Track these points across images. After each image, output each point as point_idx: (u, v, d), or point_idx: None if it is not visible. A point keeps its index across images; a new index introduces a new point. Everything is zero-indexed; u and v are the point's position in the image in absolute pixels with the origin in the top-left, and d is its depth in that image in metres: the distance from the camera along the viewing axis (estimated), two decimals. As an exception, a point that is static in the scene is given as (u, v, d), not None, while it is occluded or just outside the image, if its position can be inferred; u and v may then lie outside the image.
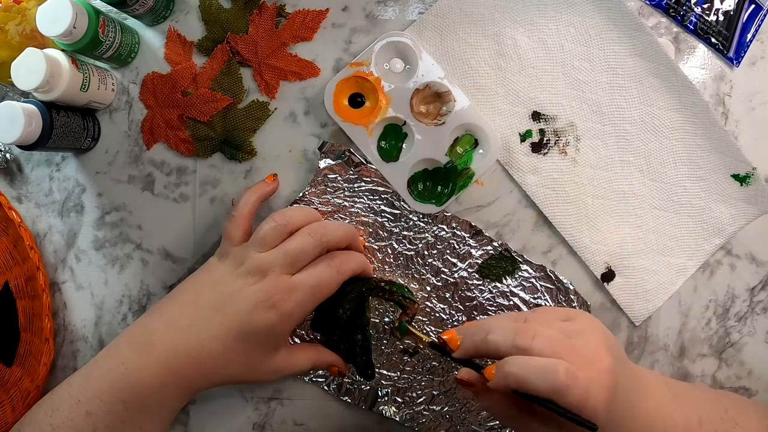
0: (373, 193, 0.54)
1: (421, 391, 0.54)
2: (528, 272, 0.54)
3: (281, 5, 0.55)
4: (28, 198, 0.58)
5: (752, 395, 0.57)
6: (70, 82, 0.49)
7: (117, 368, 0.44)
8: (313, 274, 0.45)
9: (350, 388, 0.55)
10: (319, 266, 0.46)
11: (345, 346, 0.50)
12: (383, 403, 0.54)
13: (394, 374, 0.54)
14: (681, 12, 0.55)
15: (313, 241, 0.46)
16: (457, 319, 0.54)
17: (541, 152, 0.55)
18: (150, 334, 0.45)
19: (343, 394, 0.55)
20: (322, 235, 0.46)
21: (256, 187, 0.51)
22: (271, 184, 0.52)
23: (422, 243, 0.54)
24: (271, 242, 0.46)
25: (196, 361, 0.44)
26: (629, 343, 0.56)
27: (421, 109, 0.54)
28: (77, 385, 0.45)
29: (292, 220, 0.47)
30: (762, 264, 0.56)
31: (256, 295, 0.44)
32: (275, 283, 0.44)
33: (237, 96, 0.55)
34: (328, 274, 0.46)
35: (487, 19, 0.54)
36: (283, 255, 0.45)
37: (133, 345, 0.45)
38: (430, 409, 0.54)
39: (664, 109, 0.54)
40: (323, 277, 0.45)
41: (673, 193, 0.55)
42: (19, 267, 0.57)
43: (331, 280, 0.46)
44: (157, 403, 0.45)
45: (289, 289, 0.44)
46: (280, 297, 0.44)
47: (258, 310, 0.44)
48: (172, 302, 0.47)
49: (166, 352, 0.44)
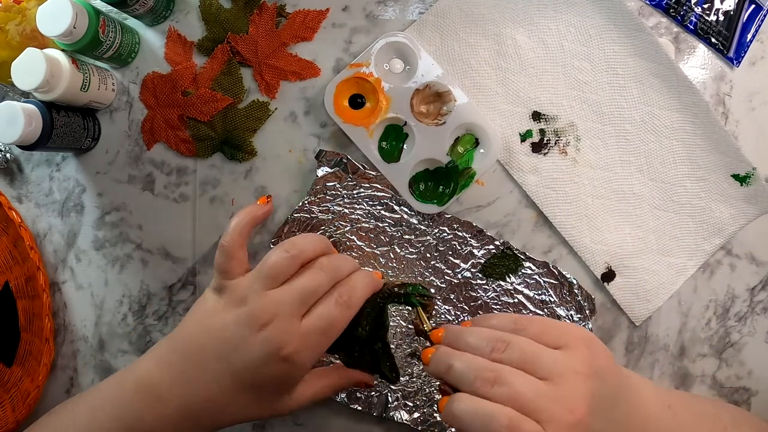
0: (373, 198, 0.54)
1: (431, 393, 0.54)
2: (531, 269, 0.54)
3: (281, 5, 0.55)
4: (28, 198, 0.58)
5: (752, 395, 0.57)
6: (70, 82, 0.49)
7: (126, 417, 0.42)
8: (323, 317, 0.41)
9: (360, 396, 0.54)
10: (327, 305, 0.41)
11: (369, 359, 0.47)
12: (394, 408, 0.54)
13: (403, 378, 0.54)
14: (681, 12, 0.55)
15: (327, 278, 0.42)
16: (463, 319, 0.54)
17: (542, 152, 0.55)
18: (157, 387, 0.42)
19: (353, 403, 0.54)
20: (335, 269, 0.42)
21: (246, 211, 0.45)
22: (263, 207, 0.47)
23: (424, 246, 0.54)
24: (282, 276, 0.41)
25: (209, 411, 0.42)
26: (629, 343, 0.56)
27: (422, 109, 0.54)
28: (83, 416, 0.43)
29: (306, 251, 0.42)
30: (762, 264, 0.56)
31: (264, 346, 0.40)
32: (285, 329, 0.40)
33: (237, 96, 0.55)
34: (338, 313, 0.41)
35: (487, 19, 0.54)
36: (296, 294, 0.40)
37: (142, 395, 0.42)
38: None
39: (664, 109, 0.54)
40: (334, 317, 0.41)
41: (673, 193, 0.55)
42: (19, 267, 0.57)
43: (342, 318, 0.42)
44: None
45: (301, 336, 0.40)
46: (293, 347, 0.40)
47: (269, 362, 0.40)
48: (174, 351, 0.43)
49: (177, 407, 0.41)
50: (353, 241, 0.54)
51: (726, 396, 0.57)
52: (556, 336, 0.38)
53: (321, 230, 0.54)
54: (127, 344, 0.58)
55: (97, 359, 0.58)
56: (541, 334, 0.38)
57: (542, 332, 0.39)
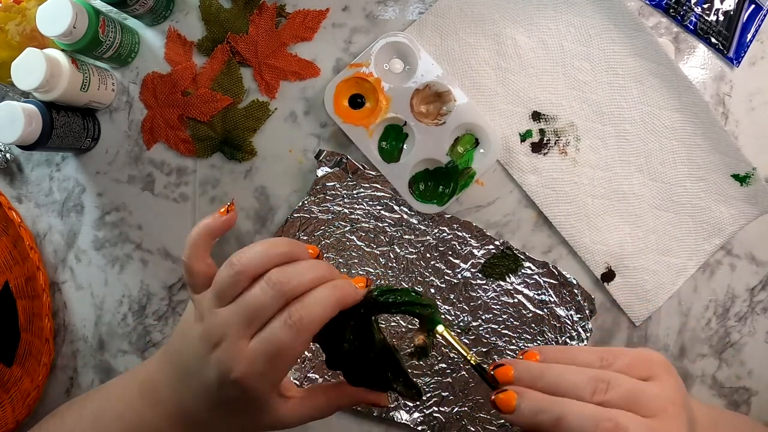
0: (373, 198, 0.54)
1: (431, 394, 0.54)
2: (531, 269, 0.54)
3: (281, 5, 0.55)
4: (28, 198, 0.58)
5: (752, 395, 0.57)
6: (70, 82, 0.49)
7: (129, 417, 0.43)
8: (269, 340, 0.37)
9: None
10: (274, 327, 0.37)
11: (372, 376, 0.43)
12: (394, 408, 0.54)
13: None
14: (681, 12, 0.55)
15: (273, 293, 0.37)
16: (463, 319, 0.54)
17: (541, 152, 0.55)
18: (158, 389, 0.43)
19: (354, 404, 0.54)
20: (284, 284, 0.37)
21: (203, 223, 0.41)
22: (221, 218, 0.41)
23: (424, 246, 0.54)
24: (227, 293, 0.38)
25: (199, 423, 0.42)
26: (629, 343, 0.56)
27: (422, 109, 0.54)
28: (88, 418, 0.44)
29: (251, 264, 0.38)
30: (762, 264, 0.56)
31: (217, 367, 0.38)
32: (232, 353, 0.37)
33: (237, 96, 0.55)
34: (285, 337, 0.36)
35: (487, 19, 0.54)
36: (237, 315, 0.37)
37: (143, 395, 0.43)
38: (441, 411, 0.54)
39: (664, 109, 0.54)
40: (281, 341, 0.36)
41: (673, 193, 0.55)
42: (19, 267, 0.57)
43: (291, 342, 0.37)
44: None
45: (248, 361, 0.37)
46: (239, 372, 0.37)
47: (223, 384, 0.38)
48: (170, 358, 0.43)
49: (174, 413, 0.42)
50: (353, 241, 0.54)
51: (726, 396, 0.57)
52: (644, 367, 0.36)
53: (321, 230, 0.54)
54: (127, 344, 0.58)
55: (97, 359, 0.58)
56: (630, 368, 0.36)
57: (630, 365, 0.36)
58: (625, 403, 0.34)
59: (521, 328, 0.54)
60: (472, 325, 0.54)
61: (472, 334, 0.54)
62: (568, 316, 0.54)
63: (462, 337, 0.55)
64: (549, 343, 0.54)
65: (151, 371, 0.43)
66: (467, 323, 0.54)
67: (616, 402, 0.34)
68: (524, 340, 0.54)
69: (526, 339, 0.54)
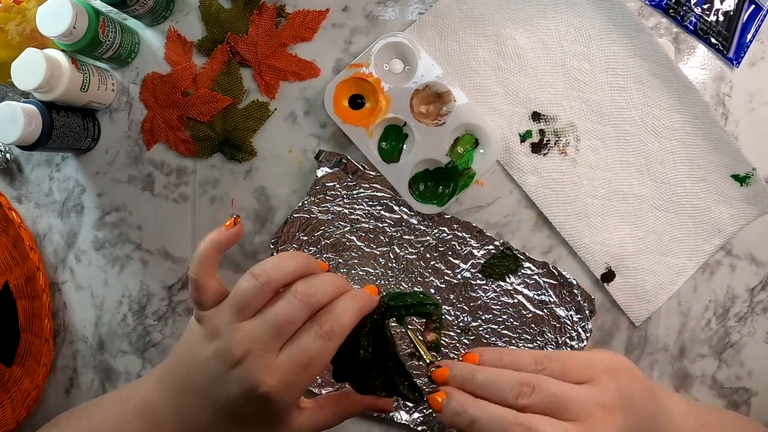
0: (372, 198, 0.54)
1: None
2: (531, 269, 0.54)
3: (281, 5, 0.55)
4: (28, 198, 0.58)
5: (752, 395, 0.57)
6: (70, 83, 0.49)
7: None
8: (301, 351, 0.37)
9: None
10: (306, 338, 0.37)
11: (382, 381, 0.43)
12: (394, 408, 0.54)
13: None
14: (681, 12, 0.55)
15: (301, 306, 0.37)
16: (463, 319, 0.54)
17: (541, 152, 0.55)
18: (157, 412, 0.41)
19: None
20: (311, 296, 0.38)
21: (211, 237, 0.40)
22: (229, 231, 0.41)
23: (424, 246, 0.54)
24: (251, 306, 0.38)
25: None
26: (629, 343, 0.56)
27: (422, 110, 0.54)
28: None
29: (275, 277, 0.38)
30: (762, 264, 0.56)
31: (240, 384, 0.37)
32: (260, 366, 0.37)
33: (237, 96, 0.55)
34: (318, 346, 0.37)
35: (487, 19, 0.54)
36: (266, 328, 0.37)
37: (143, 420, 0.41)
38: None
39: (664, 109, 0.54)
40: (314, 351, 0.37)
41: (673, 193, 0.55)
42: (19, 267, 0.57)
43: (323, 352, 0.37)
44: None
45: (278, 374, 0.37)
46: (269, 386, 0.37)
47: (248, 400, 0.37)
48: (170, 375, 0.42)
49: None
50: (353, 241, 0.54)
51: (726, 396, 0.57)
52: (580, 371, 0.36)
53: (320, 230, 0.54)
54: (127, 344, 0.58)
55: (97, 359, 0.58)
56: (565, 372, 0.36)
57: (565, 369, 0.36)
58: (547, 407, 0.34)
59: (521, 329, 0.54)
60: (472, 326, 0.54)
61: (471, 334, 0.54)
62: (568, 317, 0.54)
63: (462, 337, 0.55)
64: (549, 343, 0.54)
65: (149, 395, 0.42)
66: (467, 323, 0.54)
67: (538, 406, 0.34)
68: (524, 340, 0.54)
69: (525, 339, 0.54)
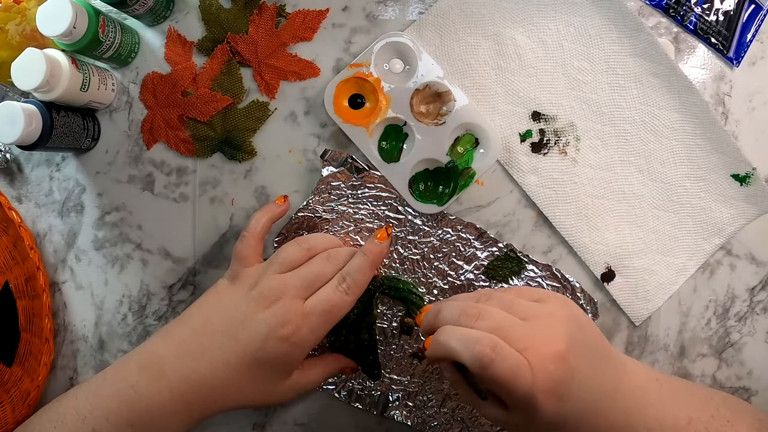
0: (377, 198, 0.54)
1: (432, 395, 0.54)
2: (534, 272, 0.54)
3: (281, 5, 0.55)
4: (28, 198, 0.58)
5: (752, 395, 0.57)
6: (70, 82, 0.49)
7: (126, 390, 0.44)
8: (325, 299, 0.45)
9: (361, 394, 0.54)
10: (329, 289, 0.45)
11: (353, 347, 0.51)
12: (394, 407, 0.54)
13: (405, 378, 0.54)
14: (681, 12, 0.55)
15: (332, 267, 0.46)
16: None
17: (541, 152, 0.55)
18: (161, 361, 0.45)
19: (354, 401, 0.54)
20: (342, 261, 0.47)
21: (266, 208, 0.50)
22: (281, 206, 0.51)
23: (428, 247, 0.54)
24: (292, 264, 0.46)
25: (208, 388, 0.44)
26: (629, 343, 0.56)
27: (422, 109, 0.54)
28: (84, 399, 0.45)
29: (317, 245, 0.48)
30: (762, 264, 0.56)
31: (269, 322, 0.44)
32: (289, 307, 0.44)
33: (237, 96, 0.55)
34: (339, 298, 0.45)
35: (487, 19, 0.54)
36: (300, 278, 0.45)
37: (143, 370, 0.44)
38: (441, 412, 0.54)
39: (664, 109, 0.54)
40: (335, 302, 0.45)
41: (673, 193, 0.55)
42: (19, 267, 0.57)
43: (343, 304, 0.45)
44: (165, 427, 0.44)
45: (303, 316, 0.44)
46: (294, 325, 0.43)
47: (271, 338, 0.43)
48: (182, 326, 0.46)
49: (178, 381, 0.44)
50: (357, 241, 0.54)
51: (726, 396, 0.57)
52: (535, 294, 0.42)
53: (325, 230, 0.54)
54: (127, 344, 0.58)
55: (97, 359, 0.58)
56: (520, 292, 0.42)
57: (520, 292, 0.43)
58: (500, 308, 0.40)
59: (521, 328, 0.54)
60: (472, 325, 0.54)
61: None
62: None
63: None
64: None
65: (153, 349, 0.46)
66: None
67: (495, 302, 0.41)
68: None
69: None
